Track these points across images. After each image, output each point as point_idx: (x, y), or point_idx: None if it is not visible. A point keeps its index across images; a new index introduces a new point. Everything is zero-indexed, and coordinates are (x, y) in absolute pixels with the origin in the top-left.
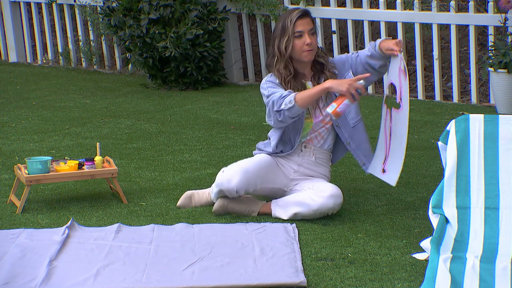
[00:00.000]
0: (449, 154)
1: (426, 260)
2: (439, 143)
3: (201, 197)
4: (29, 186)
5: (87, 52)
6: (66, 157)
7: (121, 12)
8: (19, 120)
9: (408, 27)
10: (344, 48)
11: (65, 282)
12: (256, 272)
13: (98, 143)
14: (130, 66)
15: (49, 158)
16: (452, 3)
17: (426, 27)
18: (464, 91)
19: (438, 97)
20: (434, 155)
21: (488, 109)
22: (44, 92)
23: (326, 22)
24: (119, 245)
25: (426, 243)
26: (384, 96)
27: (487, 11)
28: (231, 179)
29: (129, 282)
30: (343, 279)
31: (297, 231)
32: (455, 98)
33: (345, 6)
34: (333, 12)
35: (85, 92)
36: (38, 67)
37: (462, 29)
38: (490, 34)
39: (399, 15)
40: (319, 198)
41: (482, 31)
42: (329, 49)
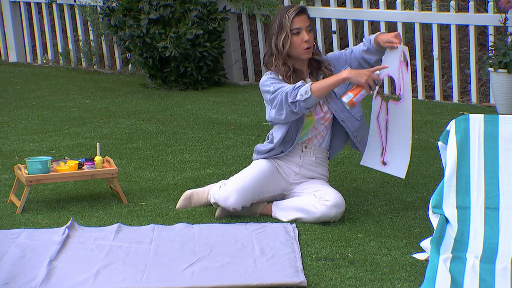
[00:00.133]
0: (449, 154)
1: (426, 260)
2: (439, 143)
3: (201, 197)
4: (29, 186)
5: (87, 52)
6: (66, 157)
7: (121, 12)
8: (19, 120)
9: (408, 27)
10: (344, 48)
11: (65, 282)
12: (256, 272)
13: (98, 143)
14: (130, 66)
15: (49, 158)
16: (452, 3)
17: (426, 27)
18: (464, 91)
19: (438, 97)
20: (434, 155)
21: (488, 109)
22: (44, 92)
23: (326, 22)
24: (119, 245)
25: (426, 243)
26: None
27: (487, 11)
28: (228, 198)
29: (129, 282)
30: (343, 279)
31: (297, 231)
32: (455, 98)
33: (345, 6)
34: (333, 12)
35: (85, 92)
36: (38, 67)
37: (462, 29)
38: (490, 34)
39: (399, 15)
40: (322, 207)
41: (482, 31)
42: (329, 49)
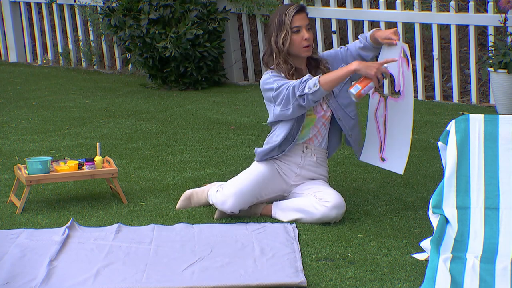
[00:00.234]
0: (449, 154)
1: (426, 260)
2: (439, 143)
3: (200, 197)
4: (29, 186)
5: (87, 52)
6: (66, 157)
7: (121, 12)
8: (19, 120)
9: (408, 27)
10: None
11: (65, 282)
12: (256, 272)
13: (98, 143)
14: (130, 66)
15: (49, 158)
16: (452, 3)
17: (426, 27)
18: (464, 91)
19: (438, 97)
20: (434, 155)
21: (488, 109)
22: (44, 92)
23: (326, 22)
24: (119, 245)
25: (426, 243)
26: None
27: (487, 11)
28: (225, 201)
29: (129, 282)
30: (343, 279)
31: (297, 231)
32: (455, 98)
33: (345, 6)
34: (333, 12)
35: (85, 92)
36: (38, 67)
37: (462, 29)
38: (490, 34)
39: (399, 15)
40: (322, 208)
41: (482, 31)
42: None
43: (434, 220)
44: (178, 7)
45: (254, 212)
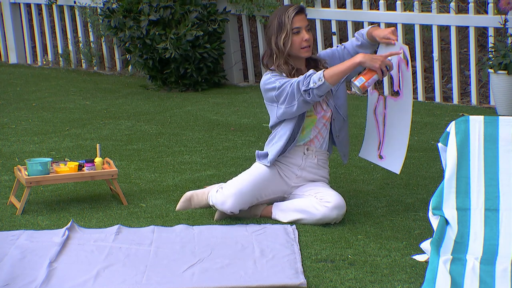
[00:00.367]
0: (449, 156)
1: (426, 262)
2: (439, 145)
3: (201, 199)
4: (29, 188)
5: (87, 54)
6: (66, 159)
7: (121, 14)
8: (19, 122)
9: (408, 29)
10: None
11: (65, 284)
12: (256, 274)
13: (98, 145)
14: (130, 68)
15: (49, 160)
16: (452, 5)
17: (426, 29)
18: (464, 93)
19: (438, 99)
20: (434, 157)
21: (488, 111)
22: (44, 94)
23: (326, 24)
24: (119, 247)
25: (426, 245)
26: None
27: (487, 13)
28: (225, 202)
29: (129, 284)
30: (343, 281)
31: (297, 233)
32: (455, 100)
33: (345, 8)
34: (333, 14)
35: (85, 94)
36: (38, 69)
37: (462, 31)
38: (490, 36)
39: (399, 17)
40: (323, 208)
41: (482, 33)
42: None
43: (434, 222)
44: (178, 9)
45: (254, 214)
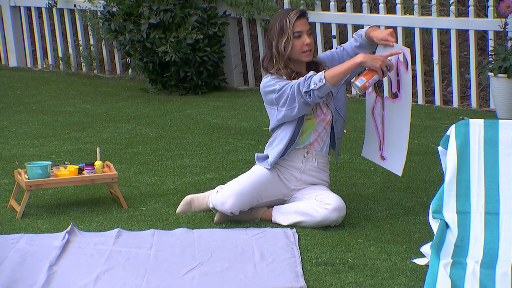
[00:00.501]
0: (449, 159)
1: (426, 265)
2: (439, 148)
3: (201, 203)
4: (29, 191)
5: (87, 57)
6: (66, 162)
7: (121, 17)
8: (19, 125)
9: (408, 32)
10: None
11: (65, 287)
12: (256, 277)
13: (98, 148)
14: (130, 71)
15: (49, 163)
16: (452, 8)
17: (426, 32)
18: (464, 96)
19: (438, 102)
20: (434, 160)
21: (488, 114)
22: (44, 97)
23: (326, 27)
24: (119, 250)
25: (426, 248)
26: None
27: (487, 16)
28: (225, 202)
29: (129, 287)
30: (343, 284)
31: (297, 236)
32: (455, 103)
33: (345, 11)
34: (333, 17)
35: (85, 97)
36: (38, 72)
37: (462, 34)
38: (490, 39)
39: (399, 20)
40: (323, 210)
41: (482, 36)
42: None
43: (434, 225)
44: (178, 12)
45: (254, 217)
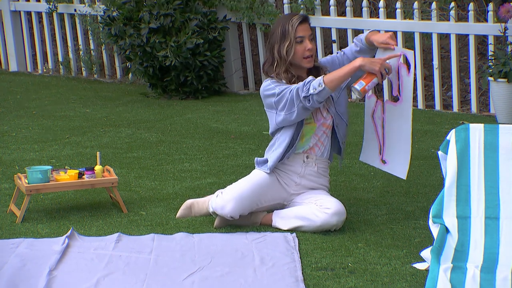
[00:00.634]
0: (449, 164)
1: (427, 270)
2: (439, 153)
3: (201, 207)
4: (29, 196)
5: (88, 61)
6: (66, 167)
7: (122, 21)
8: (19, 129)
9: (408, 37)
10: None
11: None
12: (256, 282)
13: (98, 153)
14: (131, 75)
15: (49, 168)
16: (452, 13)
17: (426, 37)
18: (464, 101)
19: (438, 107)
20: (434, 165)
21: (488, 119)
22: (45, 101)
23: (326, 32)
24: (119, 255)
25: (427, 253)
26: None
27: (487, 21)
28: (225, 206)
29: None
30: None
31: (297, 241)
32: (455, 108)
33: (345, 16)
34: (333, 22)
35: (86, 101)
36: (39, 76)
37: (462, 39)
38: (490, 44)
39: (399, 25)
40: (323, 215)
41: (482, 41)
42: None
43: (435, 230)
44: (179, 16)
45: (254, 221)
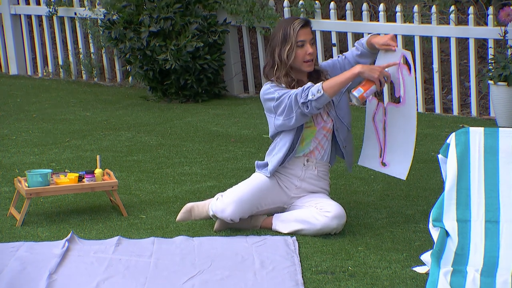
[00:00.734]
0: (449, 167)
1: (427, 274)
2: (439, 156)
3: (201, 211)
4: (29, 199)
5: (88, 65)
6: (66, 170)
7: (122, 25)
8: (20, 133)
9: (408, 40)
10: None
11: None
12: (256, 285)
13: (98, 156)
14: (131, 79)
15: (49, 171)
16: (452, 16)
17: (426, 40)
18: (464, 104)
19: (438, 110)
20: (434, 168)
21: (488, 122)
22: (45, 105)
23: (326, 35)
24: (119, 258)
25: (427, 257)
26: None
27: (487, 24)
28: (225, 209)
29: None
30: None
31: (297, 244)
32: (455, 111)
33: (345, 19)
34: (333, 25)
35: (86, 105)
36: (39, 80)
37: (462, 42)
38: (490, 47)
39: (399, 28)
40: (323, 218)
41: (482, 44)
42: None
43: (435, 233)
44: (179, 20)
45: (254, 225)
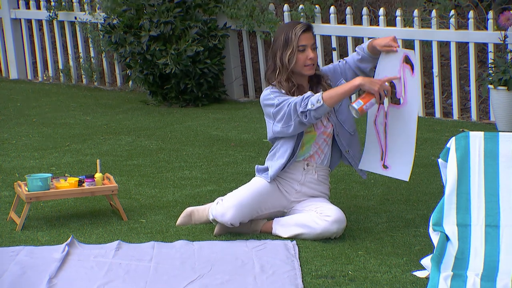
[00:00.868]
0: (449, 172)
1: (427, 278)
2: (439, 160)
3: (201, 215)
4: (29, 203)
5: (88, 69)
6: (66, 174)
7: (122, 29)
8: (20, 137)
9: (408, 44)
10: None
11: None
12: None
13: (98, 160)
14: (131, 83)
15: (49, 175)
16: (452, 21)
17: (426, 44)
18: (464, 108)
19: (438, 114)
20: (434, 172)
21: (488, 126)
22: (45, 109)
23: (326, 39)
24: (119, 263)
25: (427, 261)
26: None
27: (487, 29)
28: (225, 213)
29: None
30: None
31: (297, 249)
32: (455, 115)
33: (345, 23)
34: (333, 29)
35: (86, 109)
36: (39, 84)
37: (462, 46)
38: (490, 52)
39: (399, 32)
40: (323, 222)
41: (482, 48)
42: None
43: (435, 238)
44: (179, 24)
45: (255, 229)
